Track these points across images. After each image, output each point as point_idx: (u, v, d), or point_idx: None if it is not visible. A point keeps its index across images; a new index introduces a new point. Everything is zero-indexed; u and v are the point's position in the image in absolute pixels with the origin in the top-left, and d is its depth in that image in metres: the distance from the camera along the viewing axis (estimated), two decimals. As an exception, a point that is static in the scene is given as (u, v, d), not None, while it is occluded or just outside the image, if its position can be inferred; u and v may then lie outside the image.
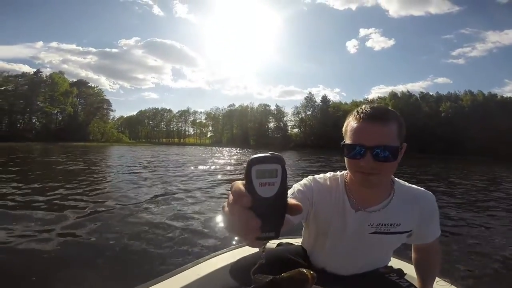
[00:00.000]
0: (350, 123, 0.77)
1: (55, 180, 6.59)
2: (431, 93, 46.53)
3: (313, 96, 55.69)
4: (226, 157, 18.37)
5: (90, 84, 53.53)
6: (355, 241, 0.87)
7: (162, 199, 5.06)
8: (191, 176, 8.62)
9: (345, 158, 0.78)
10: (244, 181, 0.29)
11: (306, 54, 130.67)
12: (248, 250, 1.37)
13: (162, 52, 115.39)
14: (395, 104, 44.10)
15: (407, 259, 1.26)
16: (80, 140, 35.16)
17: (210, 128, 70.26)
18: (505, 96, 41.53)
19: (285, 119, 57.89)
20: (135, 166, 11.16)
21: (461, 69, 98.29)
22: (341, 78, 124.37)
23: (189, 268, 1.26)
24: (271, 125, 58.42)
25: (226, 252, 1.46)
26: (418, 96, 46.38)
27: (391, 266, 1.02)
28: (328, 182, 0.89)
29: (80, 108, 48.02)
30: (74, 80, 52.63)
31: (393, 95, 48.02)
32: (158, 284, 1.13)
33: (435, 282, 1.10)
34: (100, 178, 7.26)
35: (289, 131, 56.96)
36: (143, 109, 73.01)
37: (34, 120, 46.66)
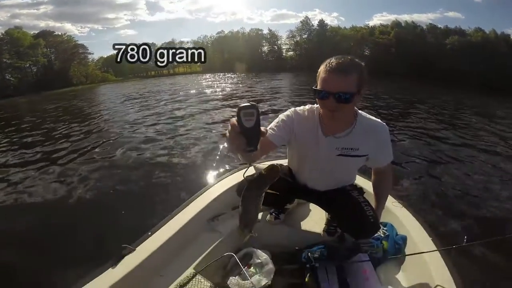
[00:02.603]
0: (321, 72, 0.98)
1: (50, 130, 6.48)
2: (439, 26, 41.15)
3: (309, 20, 50.52)
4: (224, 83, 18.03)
5: (56, 33, 48.46)
6: (326, 162, 1.12)
7: (162, 134, 5.10)
8: (186, 105, 8.57)
9: (316, 98, 1.01)
10: (236, 118, 0.53)
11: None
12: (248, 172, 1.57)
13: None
14: (398, 33, 39.93)
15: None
16: (64, 86, 33.44)
17: (201, 56, 65.60)
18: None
19: (279, 42, 54.12)
20: (128, 102, 10.84)
21: (476, 6, 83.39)
22: (340, 2, 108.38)
23: (201, 194, 1.53)
24: (265, 48, 54.81)
25: (229, 175, 1.71)
26: (425, 27, 41.15)
27: (355, 185, 1.29)
28: (306, 113, 1.12)
29: (53, 57, 44.58)
30: (36, 32, 46.96)
31: (396, 24, 42.47)
32: (183, 210, 1.41)
33: (390, 203, 1.37)
34: (91, 121, 7.13)
35: (284, 54, 53.60)
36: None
37: (8, 77, 43.66)
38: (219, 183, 1.65)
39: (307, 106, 1.13)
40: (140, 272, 1.10)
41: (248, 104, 0.52)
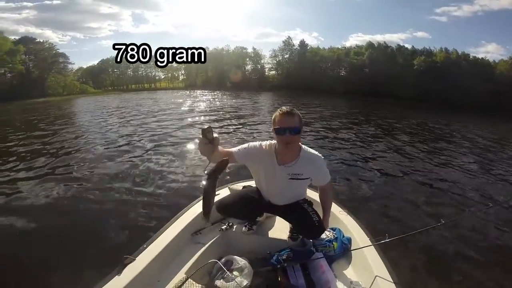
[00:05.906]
0: (276, 117, 1.38)
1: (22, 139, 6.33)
2: (407, 46, 45.35)
3: (291, 40, 52.80)
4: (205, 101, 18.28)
5: (38, 40, 46.05)
6: (281, 184, 1.52)
7: (145, 149, 5.35)
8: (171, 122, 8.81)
9: (275, 135, 1.39)
10: (203, 135, 1.15)
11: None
12: (225, 193, 1.98)
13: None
14: (371, 53, 43.09)
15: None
16: (39, 96, 31.74)
17: (182, 72, 65.14)
18: (477, 56, 41.48)
19: (262, 61, 55.65)
20: (106, 116, 11.15)
21: (442, 27, 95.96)
22: (320, 23, 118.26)
23: (185, 212, 1.81)
24: (248, 67, 55.69)
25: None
26: (394, 47, 44.92)
27: (306, 199, 1.68)
28: (267, 148, 1.50)
29: (31, 65, 41.78)
30: (16, 37, 44.18)
31: (370, 45, 46.01)
32: (171, 226, 1.66)
33: (338, 212, 1.83)
34: (70, 135, 7.06)
35: (266, 73, 55.05)
36: (104, 58, 64.36)
37: (-21, 83, 40.29)
38: (200, 201, 1.92)
39: (268, 142, 1.50)
40: (142, 278, 1.30)
41: (207, 127, 1.15)
